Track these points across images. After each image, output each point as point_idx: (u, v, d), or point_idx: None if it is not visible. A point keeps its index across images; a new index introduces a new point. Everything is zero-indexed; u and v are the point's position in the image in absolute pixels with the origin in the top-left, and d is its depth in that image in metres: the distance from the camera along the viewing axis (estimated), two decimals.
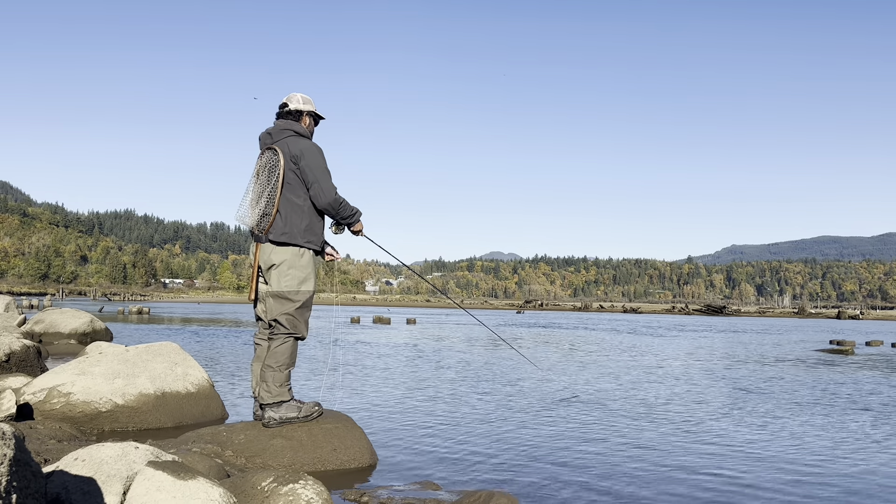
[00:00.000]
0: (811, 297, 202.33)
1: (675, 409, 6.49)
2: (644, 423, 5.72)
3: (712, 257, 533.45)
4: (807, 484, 3.97)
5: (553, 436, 5.11)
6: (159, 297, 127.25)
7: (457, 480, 3.83)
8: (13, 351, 6.12)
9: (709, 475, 4.08)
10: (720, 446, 4.91)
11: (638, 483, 3.88)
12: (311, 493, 2.66)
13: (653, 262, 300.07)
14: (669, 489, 3.77)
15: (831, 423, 5.98)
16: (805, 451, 4.82)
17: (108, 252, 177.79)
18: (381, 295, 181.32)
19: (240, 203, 3.99)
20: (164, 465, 2.42)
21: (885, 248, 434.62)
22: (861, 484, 4.01)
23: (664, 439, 5.09)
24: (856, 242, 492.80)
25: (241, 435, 3.90)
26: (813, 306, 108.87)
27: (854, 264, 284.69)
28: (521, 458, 4.37)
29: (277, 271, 3.91)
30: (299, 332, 3.97)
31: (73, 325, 11.67)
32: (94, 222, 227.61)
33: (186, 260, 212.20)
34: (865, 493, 3.83)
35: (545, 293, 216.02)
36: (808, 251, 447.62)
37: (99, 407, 4.74)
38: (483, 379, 8.54)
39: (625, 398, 7.16)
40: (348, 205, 4.06)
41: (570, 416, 5.96)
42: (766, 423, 5.89)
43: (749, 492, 3.76)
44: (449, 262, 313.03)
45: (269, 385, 3.89)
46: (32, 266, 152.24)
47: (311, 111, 4.17)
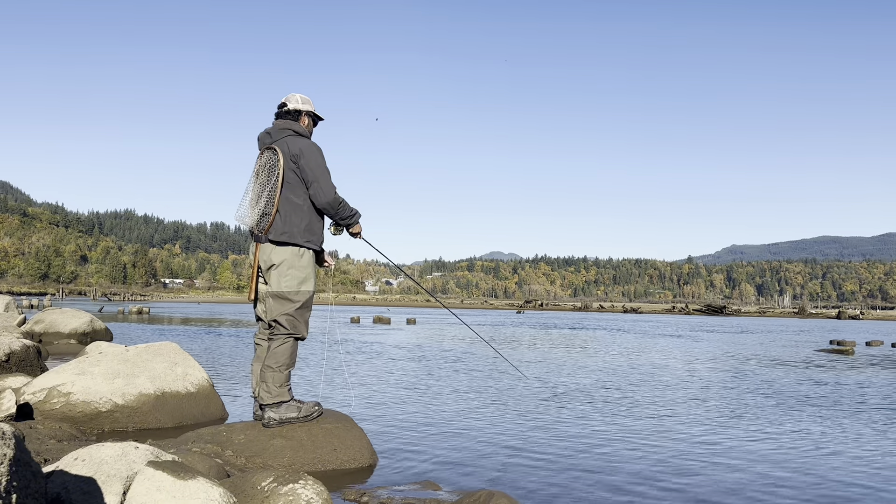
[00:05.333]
0: (811, 297, 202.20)
1: (676, 410, 6.49)
2: (644, 424, 5.72)
3: (712, 257, 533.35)
4: (807, 484, 3.97)
5: (553, 436, 5.11)
6: (159, 297, 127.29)
7: (457, 480, 3.83)
8: (13, 351, 6.12)
9: (709, 475, 4.08)
10: (720, 446, 4.91)
11: (638, 483, 3.88)
12: (311, 493, 2.66)
13: (653, 262, 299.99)
14: (670, 489, 3.77)
15: (831, 423, 5.98)
16: (804, 451, 4.82)
17: (108, 252, 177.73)
18: (380, 295, 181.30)
19: (239, 203, 3.99)
20: (164, 465, 2.42)
21: (885, 248, 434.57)
22: (861, 484, 4.01)
23: (664, 439, 5.09)
24: (856, 242, 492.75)
25: (241, 435, 3.91)
26: (813, 306, 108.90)
27: (854, 264, 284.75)
28: (522, 459, 4.37)
29: (277, 271, 3.91)
30: (299, 333, 3.97)
31: (73, 324, 11.67)
32: (94, 222, 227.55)
33: (186, 260, 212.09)
34: (866, 492, 3.83)
35: (545, 293, 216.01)
36: (808, 251, 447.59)
37: (99, 407, 4.74)
38: (483, 379, 8.54)
39: (625, 399, 7.16)
40: (348, 205, 4.06)
41: (571, 417, 5.96)
42: (765, 424, 5.89)
43: (749, 492, 3.76)
44: (449, 262, 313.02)
45: (269, 385, 3.89)
46: (32, 266, 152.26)
47: (309, 111, 4.17)
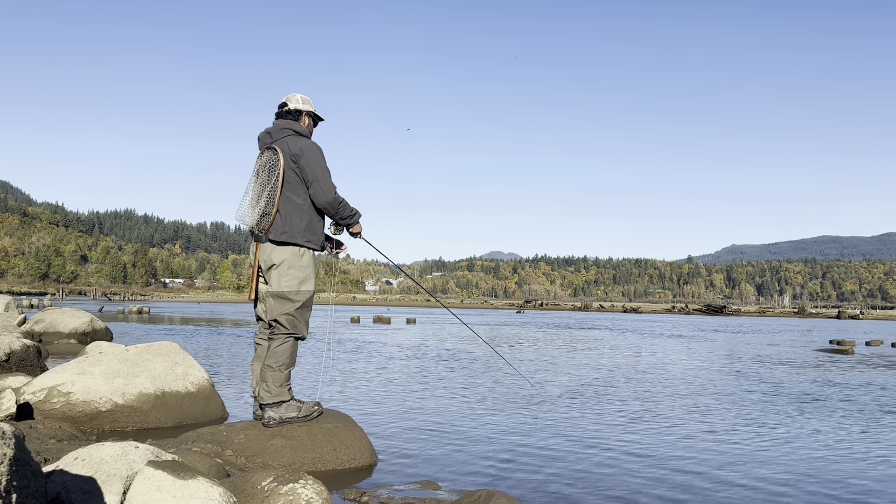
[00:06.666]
0: (811, 297, 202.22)
1: (675, 410, 6.49)
2: (644, 424, 5.72)
3: (712, 257, 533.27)
4: (806, 484, 3.97)
5: (554, 436, 5.11)
6: (159, 296, 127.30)
7: (457, 480, 3.83)
8: (13, 350, 6.12)
9: (709, 475, 4.08)
10: (720, 447, 4.91)
11: (639, 483, 3.88)
12: (311, 492, 2.66)
13: (653, 262, 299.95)
14: (670, 489, 3.77)
15: (831, 423, 5.98)
16: (804, 451, 4.82)
17: (108, 252, 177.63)
18: (381, 294, 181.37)
19: (240, 203, 3.99)
20: (164, 465, 2.42)
21: (885, 248, 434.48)
22: (861, 484, 4.01)
23: (664, 440, 5.09)
24: (856, 242, 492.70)
25: (241, 434, 3.91)
26: (813, 306, 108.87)
27: (854, 264, 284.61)
28: (521, 459, 4.37)
29: (277, 271, 3.91)
30: (299, 332, 3.97)
31: (73, 324, 11.67)
32: (94, 222, 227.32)
33: (186, 260, 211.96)
34: (866, 492, 3.83)
35: (545, 293, 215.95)
36: (808, 251, 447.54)
37: (99, 406, 4.74)
38: (483, 379, 8.54)
39: (624, 399, 7.16)
40: (348, 205, 4.06)
41: (571, 417, 5.96)
42: (765, 424, 5.89)
43: (750, 492, 3.76)
44: (449, 262, 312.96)
45: (269, 385, 3.89)
46: (32, 266, 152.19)
47: (310, 111, 4.17)
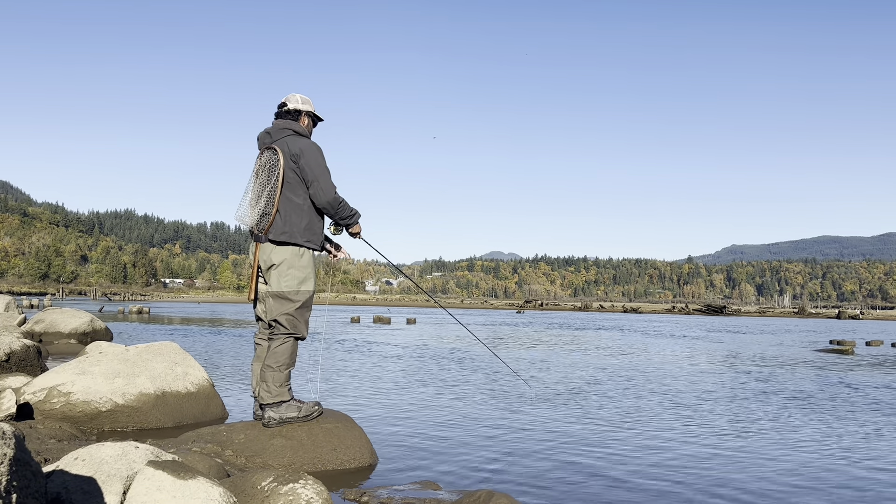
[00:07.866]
0: (811, 297, 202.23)
1: (675, 411, 6.50)
2: (644, 425, 5.72)
3: (712, 257, 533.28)
4: (806, 484, 3.97)
5: (554, 436, 5.11)
6: (159, 296, 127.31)
7: (457, 480, 3.83)
8: (13, 350, 6.12)
9: (710, 476, 4.08)
10: (720, 447, 4.91)
11: (639, 483, 3.88)
12: (311, 492, 2.66)
13: (653, 262, 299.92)
14: (670, 489, 3.77)
15: (831, 423, 5.98)
16: (804, 451, 4.82)
17: (108, 252, 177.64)
18: (381, 294, 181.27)
19: (239, 203, 3.99)
20: (164, 465, 2.42)
21: (885, 248, 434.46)
22: (861, 484, 4.01)
23: (664, 440, 5.09)
24: (856, 242, 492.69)
25: (241, 435, 3.91)
26: (813, 306, 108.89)
27: (854, 264, 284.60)
28: (522, 459, 4.38)
29: (277, 271, 3.91)
30: (299, 333, 3.97)
31: (73, 324, 11.67)
32: (94, 222, 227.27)
33: (186, 260, 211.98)
34: (866, 492, 3.83)
35: (545, 293, 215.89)
36: (808, 251, 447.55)
37: (99, 406, 4.74)
38: (483, 379, 8.54)
39: (624, 399, 7.16)
40: (347, 205, 4.06)
41: (571, 417, 5.96)
42: (764, 424, 5.89)
43: (750, 492, 3.76)
44: (449, 262, 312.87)
45: (269, 385, 3.89)
46: (32, 266, 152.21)
47: (309, 111, 4.17)
